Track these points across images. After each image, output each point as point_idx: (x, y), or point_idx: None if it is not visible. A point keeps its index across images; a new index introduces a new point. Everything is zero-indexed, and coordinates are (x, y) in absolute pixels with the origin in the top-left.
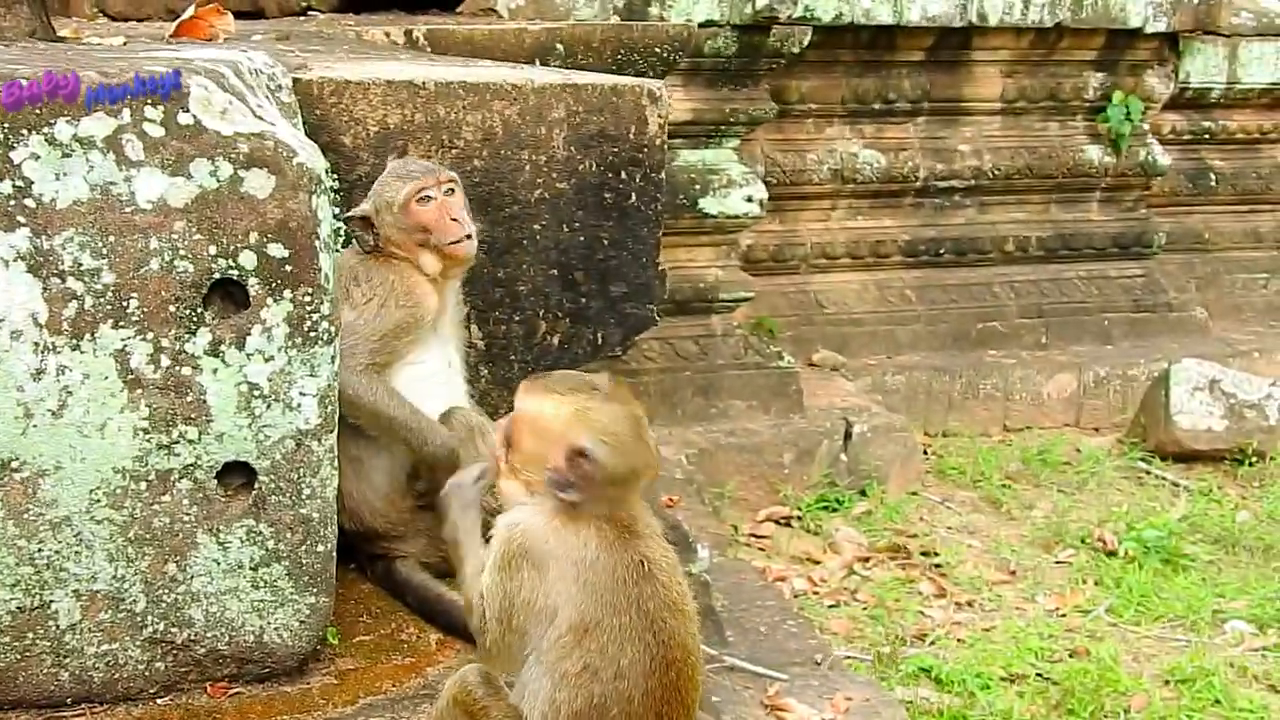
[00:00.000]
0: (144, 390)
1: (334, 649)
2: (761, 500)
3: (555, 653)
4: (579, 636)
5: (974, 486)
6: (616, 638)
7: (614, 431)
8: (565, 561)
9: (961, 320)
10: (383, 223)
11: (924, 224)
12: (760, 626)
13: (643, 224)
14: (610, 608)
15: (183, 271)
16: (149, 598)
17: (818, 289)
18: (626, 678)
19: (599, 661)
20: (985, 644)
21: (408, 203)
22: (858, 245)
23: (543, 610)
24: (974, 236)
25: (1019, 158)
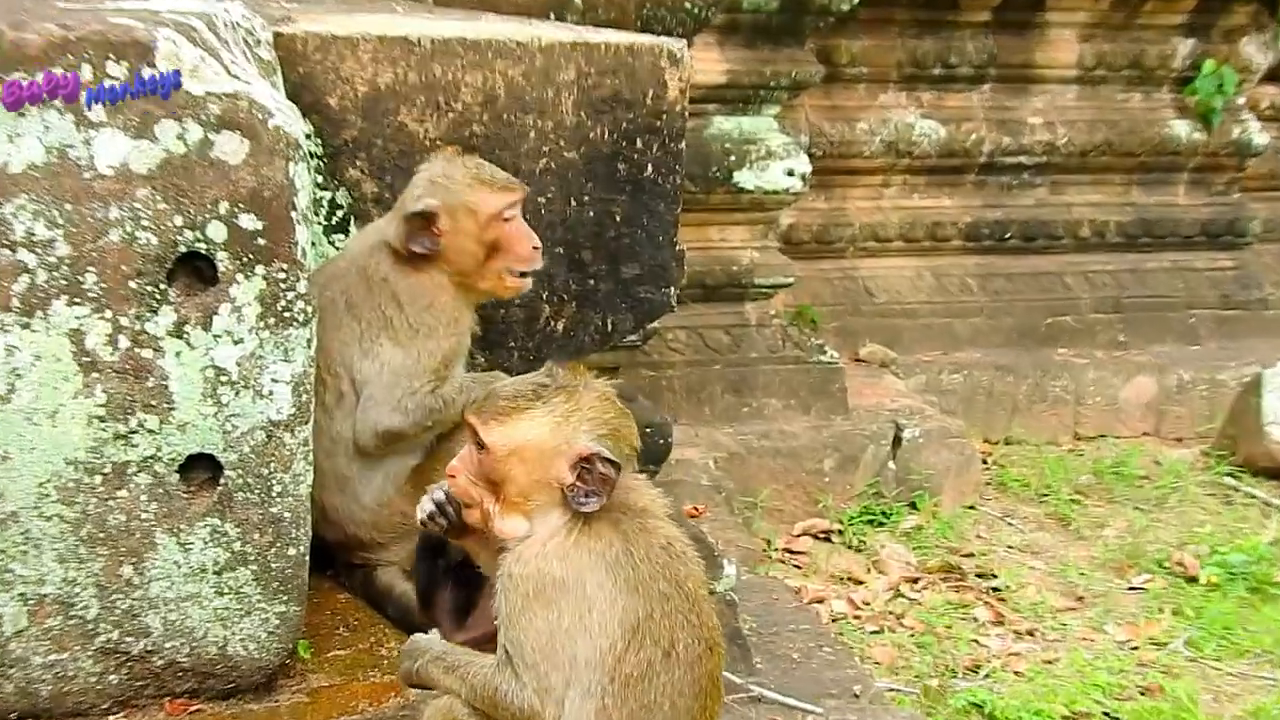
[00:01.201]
0: (100, 374)
1: (306, 664)
2: (798, 511)
3: (610, 662)
4: (632, 638)
5: (1039, 501)
6: (669, 625)
7: (604, 420)
8: (599, 569)
9: (1028, 313)
10: (453, 227)
11: (988, 204)
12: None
13: (659, 198)
14: (659, 596)
15: (145, 244)
16: (102, 603)
17: (866, 275)
18: (679, 667)
19: (654, 654)
20: (1046, 678)
21: (496, 218)
22: (912, 227)
23: (591, 626)
24: (1044, 220)
25: (1096, 132)
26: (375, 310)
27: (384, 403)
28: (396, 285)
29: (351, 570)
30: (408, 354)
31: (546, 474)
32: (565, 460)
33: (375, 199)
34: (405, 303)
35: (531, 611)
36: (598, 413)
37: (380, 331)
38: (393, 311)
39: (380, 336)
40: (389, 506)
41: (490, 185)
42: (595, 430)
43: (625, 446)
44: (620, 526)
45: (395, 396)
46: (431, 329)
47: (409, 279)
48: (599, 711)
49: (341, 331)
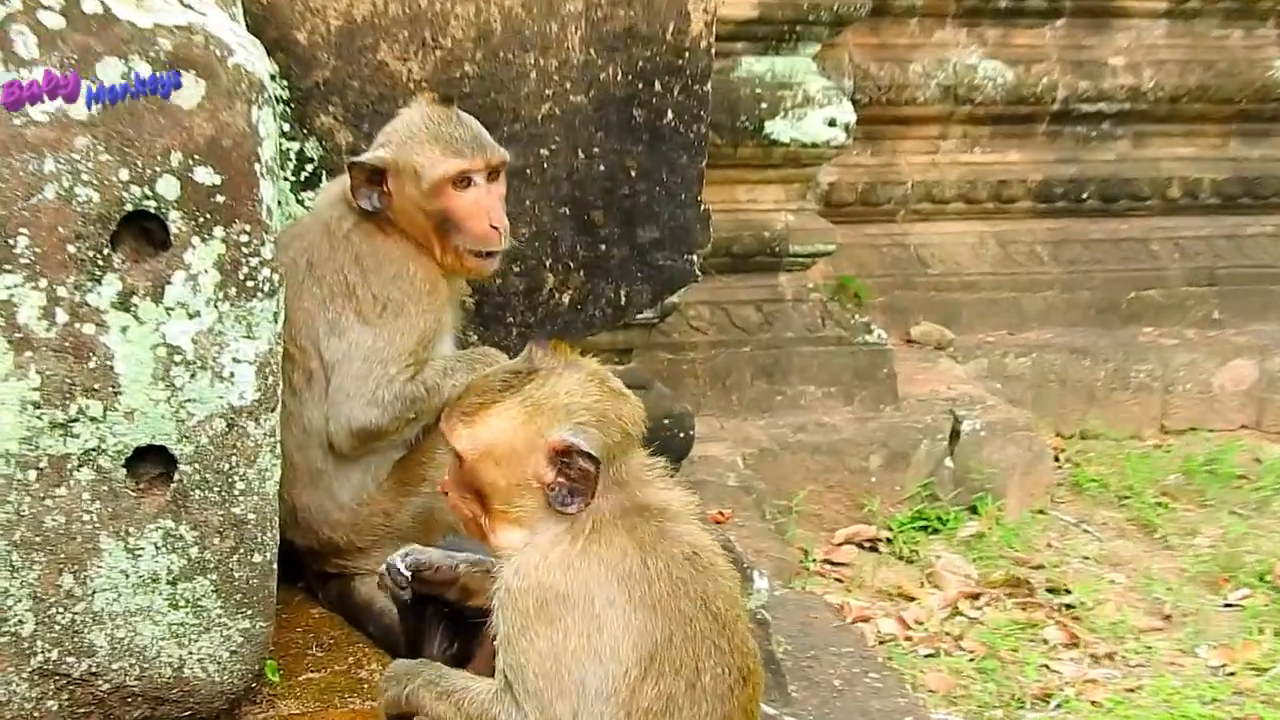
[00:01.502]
0: (34, 353)
1: (274, 688)
2: (840, 517)
3: (625, 693)
4: (649, 664)
5: (1119, 505)
6: (693, 651)
7: (586, 405)
8: (610, 583)
9: (1108, 287)
10: (399, 188)
11: (1061, 159)
12: (834, 680)
13: (681, 149)
14: (679, 617)
15: (85, 202)
16: (39, 618)
17: (920, 242)
18: (706, 699)
19: (675, 685)
20: (1128, 709)
21: (442, 185)
22: (974, 186)
23: (601, 649)
24: (1127, 177)
25: (1189, 75)
26: (337, 273)
27: (356, 396)
28: (360, 246)
29: (326, 580)
30: (378, 335)
31: (524, 475)
32: (540, 457)
33: (351, 150)
34: (369, 269)
35: (533, 631)
36: (578, 397)
37: (345, 302)
38: (356, 277)
39: (346, 309)
40: (369, 505)
41: (445, 146)
42: (574, 418)
43: (617, 433)
44: (636, 533)
45: (369, 388)
46: (400, 305)
47: (373, 240)
48: None
49: (304, 298)
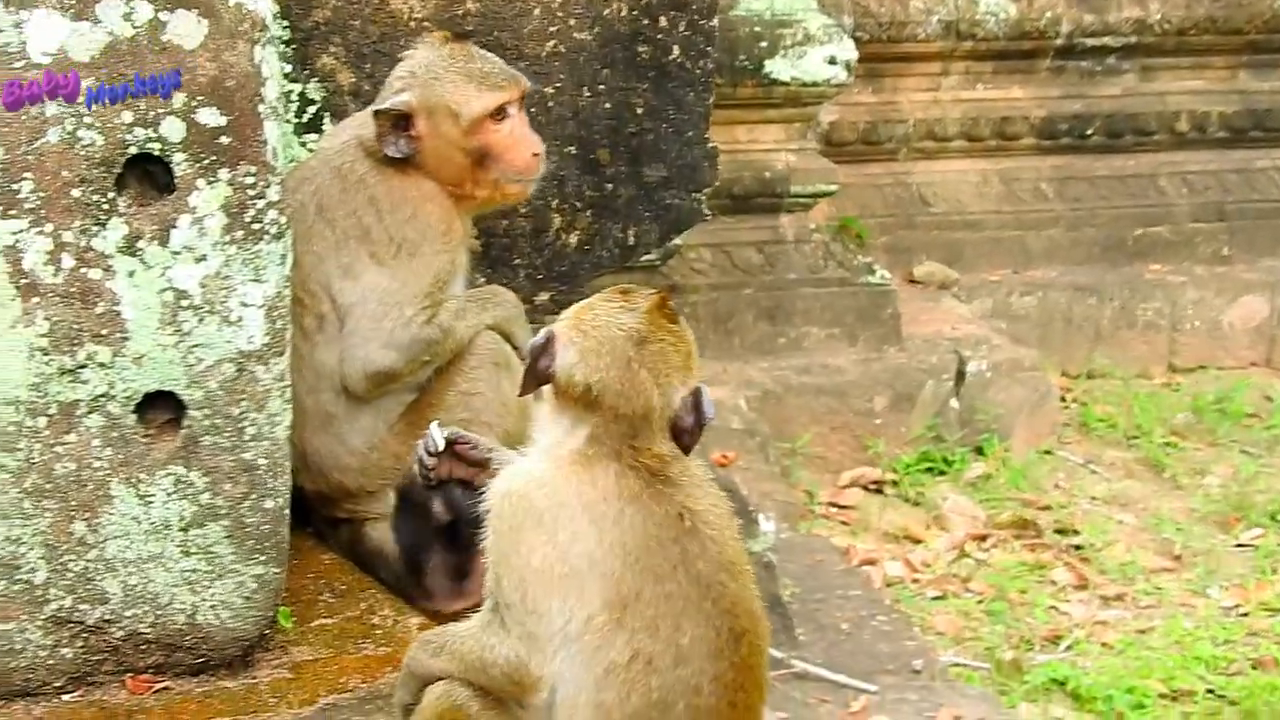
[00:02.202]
0: (41, 299)
1: (287, 634)
2: (845, 459)
3: (592, 639)
4: (617, 615)
5: (1127, 444)
6: (668, 611)
7: (597, 337)
8: (580, 517)
9: (1115, 224)
10: (431, 129)
11: (1066, 95)
12: (841, 623)
13: (687, 86)
14: (650, 573)
15: (89, 145)
16: (52, 566)
17: (922, 181)
18: (690, 662)
19: (651, 645)
20: (1139, 650)
21: (481, 121)
22: (976, 123)
23: (562, 580)
24: (1134, 112)
25: (1197, 6)
26: (351, 216)
27: (372, 338)
28: (375, 188)
29: (337, 526)
30: (394, 276)
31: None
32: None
33: (353, 91)
34: (385, 210)
35: (506, 542)
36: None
37: (358, 244)
38: (370, 219)
39: (359, 251)
40: (380, 449)
41: (479, 82)
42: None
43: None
44: (623, 481)
45: (385, 330)
46: (416, 245)
47: (390, 182)
48: (597, 707)
49: (314, 242)
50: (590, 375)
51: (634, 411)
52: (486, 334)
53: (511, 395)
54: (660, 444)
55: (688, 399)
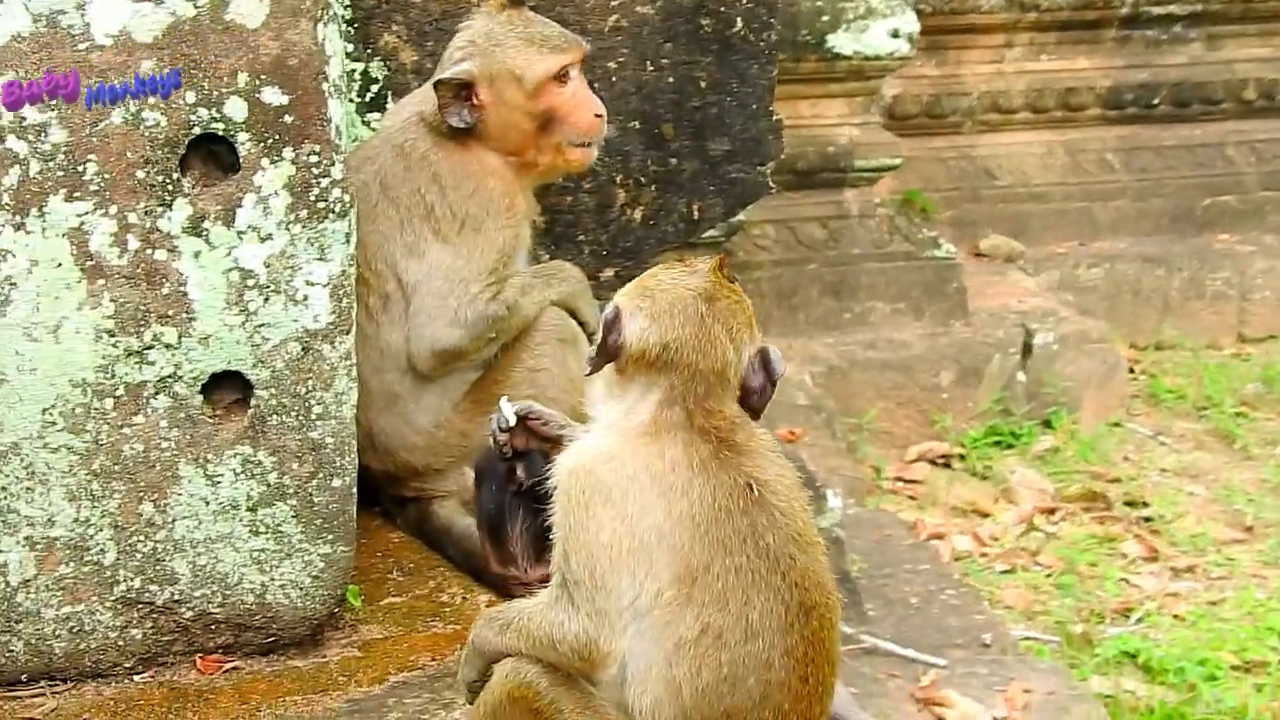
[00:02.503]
0: (107, 280)
1: (356, 613)
2: (912, 433)
3: (662, 614)
4: (686, 588)
5: (1197, 415)
6: (737, 585)
7: (667, 299)
8: (649, 488)
9: (1182, 194)
10: (494, 97)
11: (1131, 64)
12: (910, 598)
13: (751, 59)
14: (719, 545)
15: (153, 126)
16: (121, 547)
17: (986, 153)
18: (760, 636)
19: (720, 619)
20: (1211, 622)
21: (545, 83)
22: (1041, 94)
23: (631, 555)
24: (1200, 81)
25: None
26: (414, 194)
27: (438, 316)
28: (438, 165)
29: (403, 504)
30: (458, 253)
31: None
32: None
33: (415, 69)
34: (448, 186)
35: (574, 517)
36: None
37: (422, 222)
38: (434, 196)
39: (423, 229)
40: (445, 428)
41: (540, 45)
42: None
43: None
44: (693, 451)
45: (450, 308)
46: (480, 220)
47: (452, 157)
48: (669, 683)
49: (379, 221)
50: (666, 334)
51: (711, 368)
52: (552, 310)
53: (577, 371)
54: (730, 406)
55: (755, 358)
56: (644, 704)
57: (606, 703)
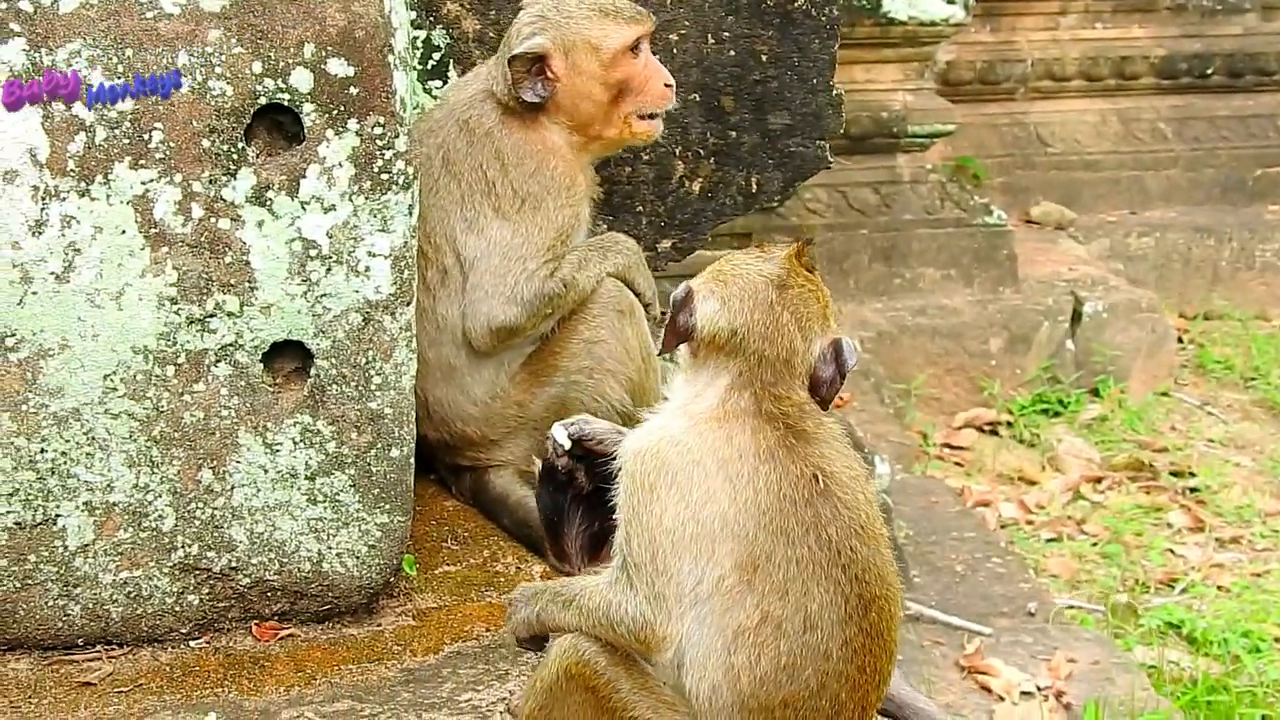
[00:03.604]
0: (171, 248)
1: (411, 582)
2: (960, 400)
3: (722, 600)
4: (748, 576)
5: (1245, 386)
6: (798, 575)
7: (739, 284)
8: (715, 474)
9: (1235, 164)
10: (569, 68)
11: (1185, 34)
12: (956, 565)
13: (813, 33)
14: (782, 535)
15: (219, 95)
16: (179, 513)
17: (1039, 121)
18: (819, 627)
19: (780, 609)
20: (1256, 593)
21: (622, 53)
22: (1095, 62)
23: (694, 540)
24: (1253, 51)
25: None
26: (476, 170)
27: (495, 293)
28: (501, 142)
29: (459, 473)
30: (516, 231)
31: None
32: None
33: (477, 38)
34: (510, 164)
35: (638, 499)
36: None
37: (483, 199)
38: (496, 173)
39: (483, 205)
40: (502, 399)
41: (615, 16)
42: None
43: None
44: (760, 437)
45: (508, 284)
46: (540, 199)
47: (515, 135)
48: (727, 669)
49: (440, 195)
50: (734, 319)
51: (777, 355)
52: (609, 282)
53: (634, 342)
54: (799, 393)
55: (828, 349)
56: (702, 689)
57: (664, 685)
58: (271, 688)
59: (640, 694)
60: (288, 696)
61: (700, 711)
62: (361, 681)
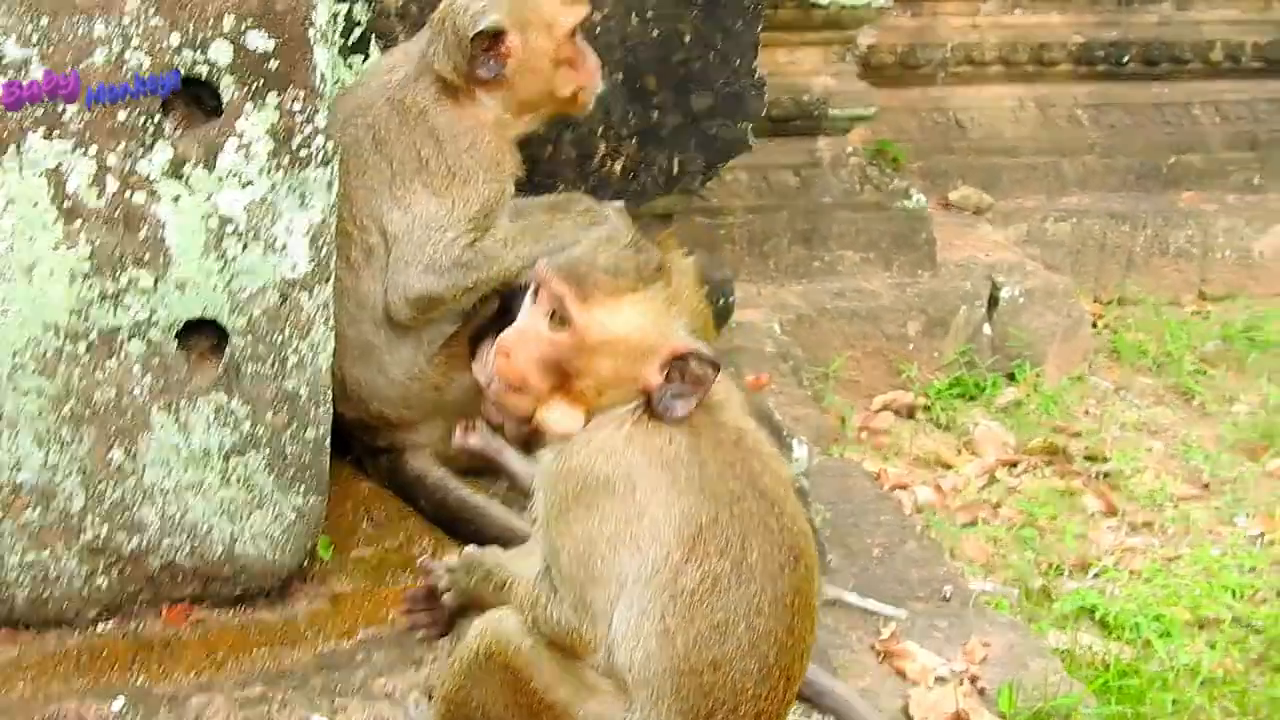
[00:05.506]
0: (84, 222)
1: (326, 565)
2: (878, 383)
3: (665, 574)
4: (691, 545)
5: (1158, 371)
6: (739, 530)
7: (697, 309)
8: (656, 470)
9: (1149, 151)
10: (524, 45)
11: (1103, 21)
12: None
13: (736, 15)
14: (726, 496)
15: (136, 67)
16: (89, 493)
17: (959, 106)
18: (754, 579)
19: (720, 564)
20: (1167, 578)
21: (572, 32)
22: (1014, 48)
23: (640, 535)
24: (1169, 40)
25: None
26: (410, 149)
27: (414, 262)
28: (436, 119)
29: (376, 455)
30: (441, 203)
31: (635, 371)
32: (659, 358)
33: (399, 13)
34: (445, 140)
35: (571, 515)
36: (692, 300)
37: (414, 176)
38: (430, 150)
39: (414, 183)
40: (420, 380)
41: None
42: (691, 321)
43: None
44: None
45: (427, 253)
46: (470, 173)
47: (449, 112)
48: (661, 634)
49: (369, 175)
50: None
51: None
52: None
53: None
54: None
55: None
56: (635, 659)
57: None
58: (181, 672)
59: (561, 676)
60: (198, 681)
61: (631, 683)
62: (274, 666)
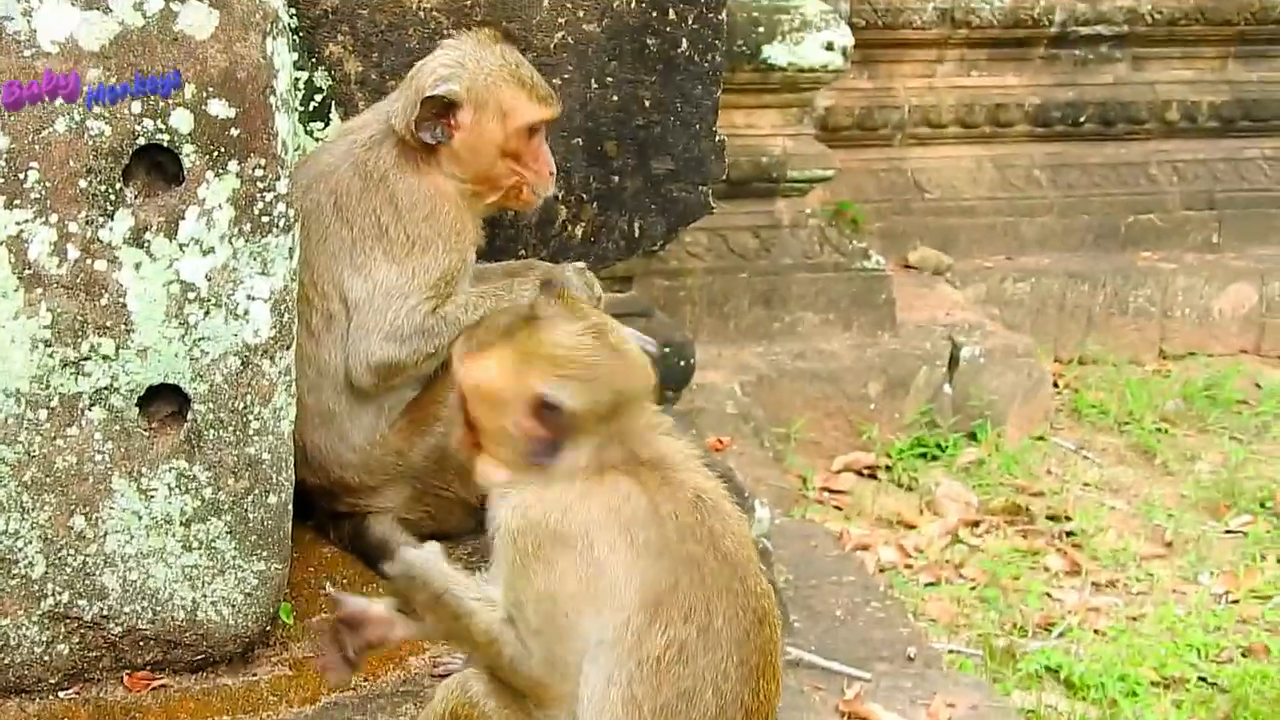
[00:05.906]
0: (45, 290)
1: (288, 630)
2: (839, 444)
3: (629, 640)
4: (655, 611)
5: (1119, 430)
6: (703, 595)
7: (572, 360)
8: (611, 526)
9: (1107, 211)
10: (475, 122)
11: (1059, 83)
12: (836, 609)
13: (696, 79)
14: (686, 560)
15: (97, 135)
16: (50, 560)
17: (917, 167)
18: (720, 646)
19: (685, 631)
20: (1131, 637)
21: (524, 129)
22: (971, 110)
23: (600, 595)
24: (1126, 101)
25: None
26: (370, 215)
27: (375, 330)
28: (395, 185)
29: (338, 519)
30: (403, 271)
31: (509, 421)
32: (520, 406)
33: (360, 80)
34: (404, 208)
35: (531, 571)
36: (570, 350)
37: (374, 243)
38: (389, 218)
39: (374, 250)
40: (381, 445)
41: (531, 91)
42: (560, 370)
43: (607, 392)
44: (640, 477)
45: (388, 320)
46: (429, 241)
47: (409, 179)
48: (628, 702)
49: (330, 241)
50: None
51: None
52: None
53: None
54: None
55: None
56: None
57: None
58: None
59: None
60: None
61: None
62: None
